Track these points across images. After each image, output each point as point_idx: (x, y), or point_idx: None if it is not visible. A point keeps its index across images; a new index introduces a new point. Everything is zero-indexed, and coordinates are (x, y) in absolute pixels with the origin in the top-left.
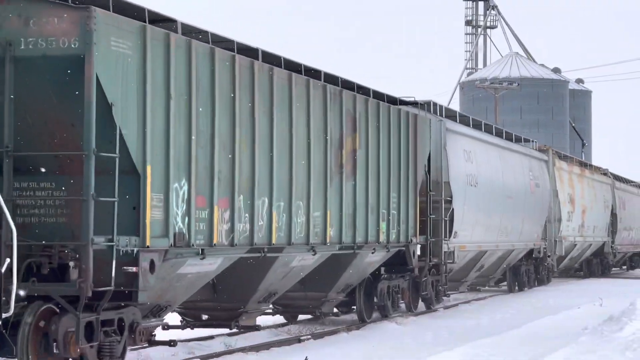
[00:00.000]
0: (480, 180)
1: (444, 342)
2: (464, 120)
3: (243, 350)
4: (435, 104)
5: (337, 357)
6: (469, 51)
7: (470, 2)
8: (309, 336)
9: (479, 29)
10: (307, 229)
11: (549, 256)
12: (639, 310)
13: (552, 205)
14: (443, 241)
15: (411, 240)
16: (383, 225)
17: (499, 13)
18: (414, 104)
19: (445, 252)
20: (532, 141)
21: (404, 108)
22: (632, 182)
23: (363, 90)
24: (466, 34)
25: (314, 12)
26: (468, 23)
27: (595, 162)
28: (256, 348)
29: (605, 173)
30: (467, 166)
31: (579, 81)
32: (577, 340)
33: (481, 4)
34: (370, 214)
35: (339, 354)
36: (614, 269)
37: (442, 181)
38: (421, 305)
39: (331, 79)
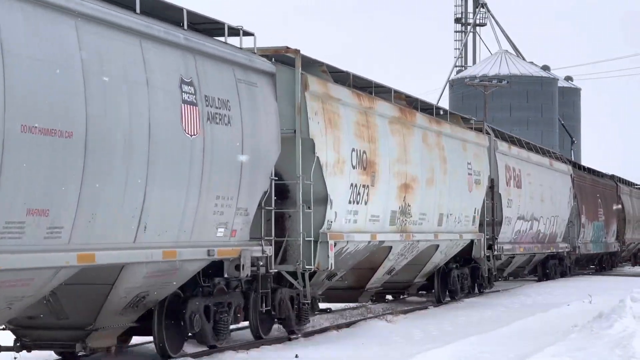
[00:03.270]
0: None
1: (432, 339)
2: None
3: (233, 348)
4: None
5: (326, 355)
6: (459, 49)
7: None
8: (299, 335)
9: (469, 27)
10: None
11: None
12: (628, 308)
13: (299, 173)
14: None
15: None
16: None
17: (489, 11)
18: None
19: None
20: (239, 30)
21: None
22: (540, 148)
23: None
24: (455, 31)
25: (306, 12)
26: (457, 21)
27: (584, 160)
28: (246, 346)
29: (479, 128)
30: None
31: (568, 79)
32: (567, 337)
33: (470, 2)
34: None
35: (328, 352)
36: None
37: None
38: None
39: None
